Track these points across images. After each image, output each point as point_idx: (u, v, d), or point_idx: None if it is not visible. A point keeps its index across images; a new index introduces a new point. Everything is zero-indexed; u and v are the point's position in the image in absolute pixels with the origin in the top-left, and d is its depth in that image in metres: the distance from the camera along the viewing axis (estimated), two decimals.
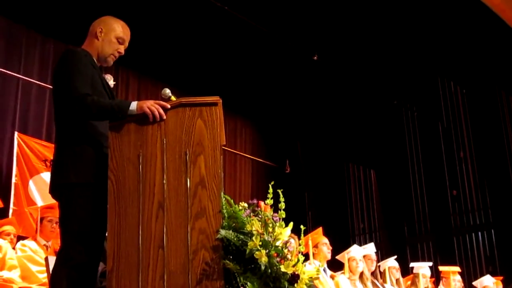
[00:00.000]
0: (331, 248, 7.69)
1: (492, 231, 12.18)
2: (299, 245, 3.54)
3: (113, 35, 3.81)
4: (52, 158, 3.87)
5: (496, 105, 12.41)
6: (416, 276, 8.57)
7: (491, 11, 9.41)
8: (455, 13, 10.72)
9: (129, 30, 3.89)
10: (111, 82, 4.58)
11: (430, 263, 9.06)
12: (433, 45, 11.92)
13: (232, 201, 3.39)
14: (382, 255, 10.96)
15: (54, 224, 6.85)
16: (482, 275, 11.11)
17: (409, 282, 8.90)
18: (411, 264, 9.04)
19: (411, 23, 11.17)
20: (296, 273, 3.26)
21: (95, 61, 3.74)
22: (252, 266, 3.19)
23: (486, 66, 12.19)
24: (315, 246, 7.51)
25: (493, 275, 10.27)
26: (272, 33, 10.78)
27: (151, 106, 3.39)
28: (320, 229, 7.88)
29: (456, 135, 13.01)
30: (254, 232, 3.23)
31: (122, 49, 3.84)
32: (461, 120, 13.00)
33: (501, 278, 10.11)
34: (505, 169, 12.05)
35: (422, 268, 8.72)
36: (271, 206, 3.39)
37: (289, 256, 3.29)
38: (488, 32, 10.98)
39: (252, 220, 3.29)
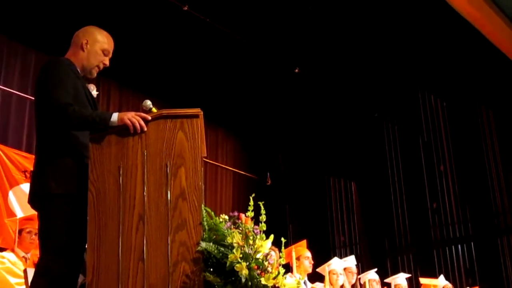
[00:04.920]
0: (313, 262, 7.70)
1: (472, 244, 12.24)
2: (280, 257, 3.53)
3: (98, 46, 3.78)
4: (32, 169, 3.84)
5: (476, 119, 12.50)
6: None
7: (471, 26, 9.49)
8: (436, 27, 10.82)
9: (113, 41, 3.88)
10: (94, 92, 4.55)
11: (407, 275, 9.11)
12: (414, 59, 12.01)
13: (213, 213, 3.39)
14: (362, 267, 10.98)
15: (34, 236, 6.79)
16: (462, 287, 11.18)
17: None
18: (386, 280, 9.06)
19: (391, 36, 11.25)
20: (277, 285, 3.26)
21: (79, 71, 3.72)
22: (233, 278, 3.18)
23: (466, 79, 12.29)
24: (297, 258, 7.50)
25: (472, 287, 10.34)
26: (254, 45, 10.80)
27: (132, 117, 3.38)
28: (304, 242, 7.87)
29: (436, 147, 13.07)
30: (235, 245, 3.22)
31: (107, 60, 3.82)
32: (441, 133, 13.07)
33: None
34: (485, 182, 12.13)
35: (397, 278, 8.77)
36: (252, 219, 3.38)
37: (269, 269, 3.29)
38: (467, 46, 11.08)
39: (233, 232, 3.29)
